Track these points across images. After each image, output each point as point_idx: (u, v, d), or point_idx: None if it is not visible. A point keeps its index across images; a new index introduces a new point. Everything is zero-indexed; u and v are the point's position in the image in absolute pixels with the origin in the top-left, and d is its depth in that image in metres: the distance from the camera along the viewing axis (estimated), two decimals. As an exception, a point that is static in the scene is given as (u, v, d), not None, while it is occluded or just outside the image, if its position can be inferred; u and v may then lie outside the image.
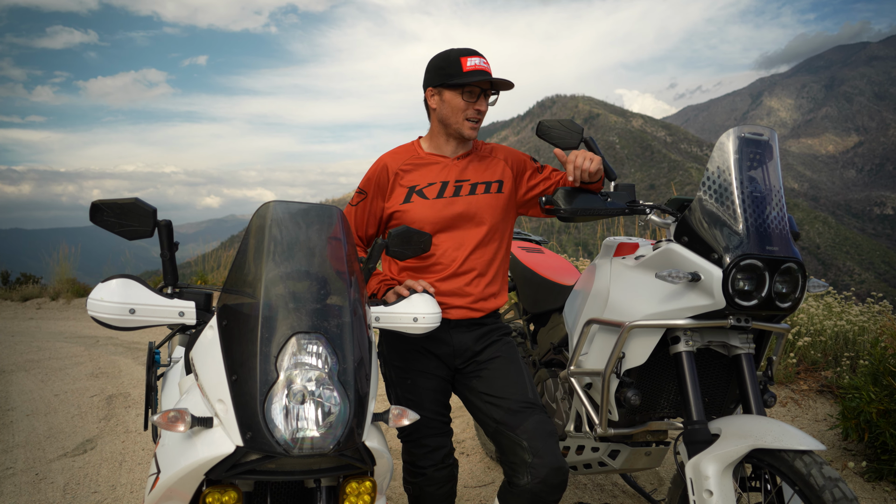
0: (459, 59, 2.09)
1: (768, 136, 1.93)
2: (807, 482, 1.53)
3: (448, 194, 2.16)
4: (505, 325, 2.34)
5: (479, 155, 2.27)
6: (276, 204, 1.59)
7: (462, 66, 2.07)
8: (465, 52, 2.11)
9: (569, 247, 13.22)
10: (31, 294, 10.93)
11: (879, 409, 3.02)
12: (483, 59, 2.11)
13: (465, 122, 2.13)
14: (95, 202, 1.56)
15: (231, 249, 11.60)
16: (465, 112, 2.11)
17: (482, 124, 2.19)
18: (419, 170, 2.19)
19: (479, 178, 2.21)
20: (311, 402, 1.33)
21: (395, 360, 2.25)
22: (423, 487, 2.21)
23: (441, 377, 2.22)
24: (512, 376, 2.13)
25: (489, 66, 2.11)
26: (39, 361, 6.16)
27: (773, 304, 1.82)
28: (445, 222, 2.16)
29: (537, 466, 1.93)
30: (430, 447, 2.17)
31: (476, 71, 2.07)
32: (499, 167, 2.25)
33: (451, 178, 2.18)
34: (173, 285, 1.68)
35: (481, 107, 2.12)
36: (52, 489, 3.28)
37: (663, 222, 2.09)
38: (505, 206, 2.24)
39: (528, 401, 2.07)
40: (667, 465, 3.39)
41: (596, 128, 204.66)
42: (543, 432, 1.99)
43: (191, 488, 1.38)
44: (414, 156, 2.23)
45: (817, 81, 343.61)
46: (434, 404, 2.19)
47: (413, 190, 2.17)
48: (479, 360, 2.19)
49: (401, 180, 2.19)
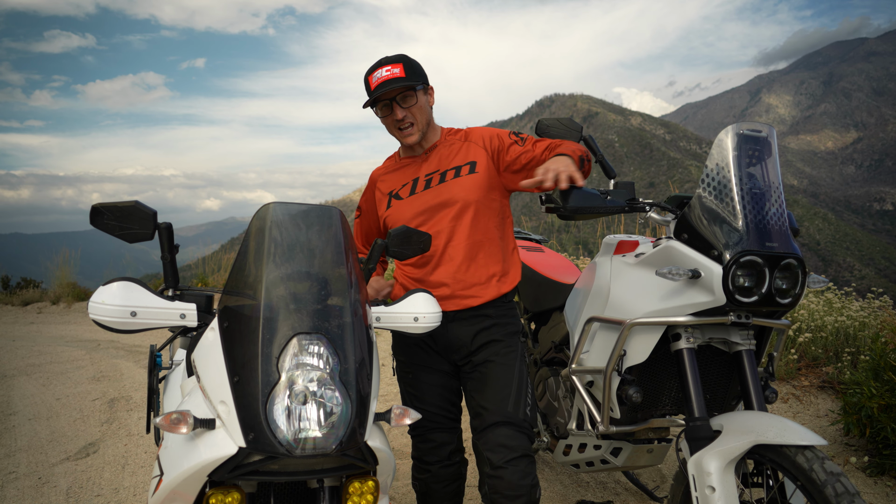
0: (367, 78, 2.11)
1: (767, 132, 1.93)
2: (809, 477, 1.53)
3: (419, 189, 2.18)
4: (514, 320, 2.24)
5: (448, 144, 2.23)
6: (275, 205, 1.59)
7: (370, 85, 2.09)
8: (373, 68, 2.10)
9: (569, 245, 13.22)
10: (31, 298, 10.93)
11: (880, 404, 3.03)
12: (388, 65, 2.07)
13: (398, 132, 2.16)
14: (95, 206, 1.56)
15: (231, 252, 11.62)
16: (392, 124, 2.14)
17: (423, 123, 2.14)
18: (394, 175, 2.27)
19: (448, 165, 2.18)
20: (313, 403, 1.33)
21: (399, 354, 2.28)
22: (429, 484, 2.22)
23: (444, 371, 2.21)
24: (498, 386, 2.09)
25: (394, 70, 2.06)
26: (41, 366, 6.16)
27: (774, 301, 1.82)
28: (421, 216, 2.16)
29: (494, 479, 1.99)
30: (435, 442, 2.18)
31: (379, 85, 2.06)
32: (471, 150, 2.20)
33: (421, 174, 2.20)
34: (174, 287, 1.68)
35: (397, 115, 2.09)
36: (55, 493, 3.28)
37: (663, 220, 2.09)
38: (484, 185, 2.15)
39: (505, 414, 2.05)
40: (669, 463, 3.39)
41: (595, 126, 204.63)
42: (505, 448, 2.00)
43: (194, 490, 1.38)
44: (391, 164, 2.32)
45: (815, 78, 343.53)
46: (436, 399, 2.19)
47: (391, 195, 2.24)
48: (474, 361, 2.16)
49: (382, 188, 2.28)
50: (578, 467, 2.59)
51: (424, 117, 2.15)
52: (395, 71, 2.05)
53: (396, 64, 2.06)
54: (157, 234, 1.62)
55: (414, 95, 2.10)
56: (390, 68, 2.06)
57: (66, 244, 11.74)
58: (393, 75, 2.05)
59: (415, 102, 2.11)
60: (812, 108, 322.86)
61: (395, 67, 2.06)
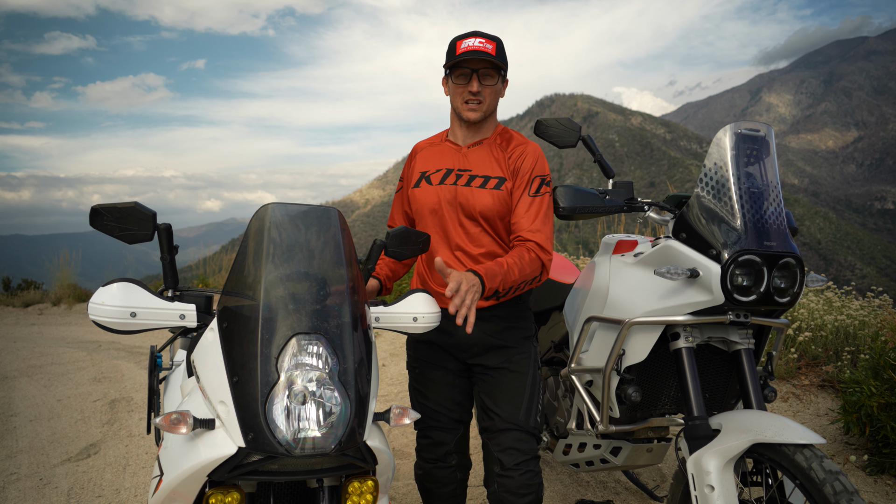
0: (456, 42, 2.08)
1: (765, 131, 1.94)
2: (808, 476, 1.53)
3: (448, 182, 2.14)
4: (529, 325, 2.20)
5: (495, 147, 2.15)
6: (274, 206, 1.59)
7: (456, 50, 2.06)
8: (464, 35, 2.08)
9: (569, 245, 13.23)
10: (32, 300, 10.94)
11: (880, 402, 3.03)
12: (482, 38, 2.05)
13: (462, 104, 2.10)
14: (95, 207, 1.56)
15: (232, 253, 11.62)
16: (462, 95, 2.09)
17: (489, 107, 2.11)
18: (434, 155, 2.21)
19: (481, 171, 2.12)
20: (312, 403, 1.34)
21: (410, 349, 2.29)
22: (423, 482, 2.24)
23: (449, 369, 2.18)
24: (511, 392, 2.09)
25: (487, 45, 2.04)
26: (42, 367, 6.17)
27: (772, 299, 1.82)
28: (442, 208, 2.13)
29: (504, 479, 2.02)
30: (433, 440, 2.18)
31: (467, 52, 2.02)
32: (509, 166, 2.12)
33: (455, 167, 2.15)
34: (174, 288, 1.68)
35: (472, 87, 2.05)
36: (56, 494, 3.29)
37: (661, 219, 2.09)
38: (502, 202, 2.09)
39: (517, 422, 2.07)
40: (669, 462, 3.40)
41: (595, 126, 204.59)
42: (516, 451, 2.04)
43: (194, 490, 1.38)
44: (436, 141, 2.26)
45: (816, 77, 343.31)
46: (439, 396, 2.18)
47: (423, 175, 2.19)
48: (487, 365, 2.14)
49: (418, 164, 2.23)
50: (578, 467, 2.59)
51: (494, 101, 2.13)
52: (488, 46, 2.04)
53: (491, 41, 2.05)
54: (157, 234, 1.62)
55: (496, 76, 2.08)
56: (484, 42, 2.04)
57: (67, 245, 11.77)
58: (485, 48, 2.03)
59: (493, 83, 2.08)
60: (812, 108, 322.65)
61: (489, 43, 2.04)
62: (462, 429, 2.24)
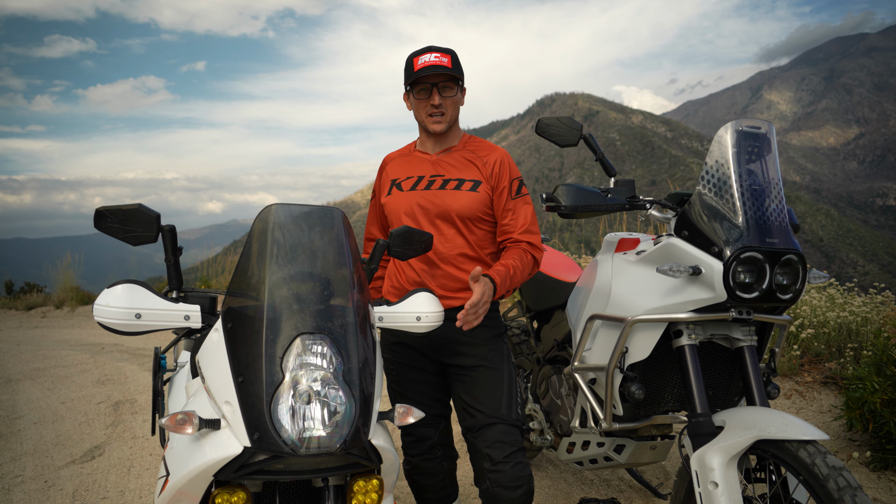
0: (413, 59, 2.17)
1: (766, 129, 1.94)
2: (811, 472, 1.54)
3: (420, 187, 2.22)
4: (498, 322, 2.27)
5: (464, 154, 2.25)
6: (277, 207, 1.60)
7: (414, 66, 2.14)
8: (420, 52, 2.17)
9: (571, 244, 13.22)
10: (35, 303, 10.96)
11: (883, 398, 3.03)
12: (438, 53, 2.14)
13: (427, 117, 2.19)
14: (99, 209, 1.57)
15: (234, 254, 11.63)
16: (426, 108, 2.17)
17: (452, 117, 2.20)
18: (404, 164, 2.31)
19: (454, 175, 2.22)
20: (317, 402, 1.34)
21: (385, 352, 2.31)
22: (411, 475, 2.32)
23: (425, 369, 2.26)
24: (490, 388, 2.14)
25: (443, 59, 2.13)
26: (45, 370, 6.18)
27: (774, 296, 1.82)
28: (415, 212, 2.20)
29: (496, 473, 2.04)
30: (416, 437, 2.26)
31: (425, 67, 2.11)
32: (482, 171, 2.21)
33: (427, 173, 2.24)
34: (178, 289, 1.69)
35: (434, 101, 2.15)
36: (61, 496, 3.30)
37: (663, 217, 2.10)
38: (481, 201, 2.17)
39: (499, 415, 2.10)
40: (672, 460, 3.40)
41: (596, 125, 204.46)
42: (503, 444, 2.06)
43: (200, 490, 1.39)
44: (406, 152, 2.35)
45: (816, 74, 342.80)
46: (417, 395, 2.25)
47: (394, 183, 2.28)
48: (463, 365, 2.19)
49: (389, 174, 2.33)
50: (582, 465, 2.60)
51: (455, 112, 2.22)
52: (444, 59, 2.13)
53: (445, 54, 2.15)
54: (161, 236, 1.63)
55: (454, 88, 2.18)
56: (439, 56, 2.13)
57: (69, 248, 11.79)
58: (441, 62, 2.12)
59: (453, 94, 2.18)
60: (813, 105, 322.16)
61: (444, 57, 2.14)
62: (443, 422, 2.31)
